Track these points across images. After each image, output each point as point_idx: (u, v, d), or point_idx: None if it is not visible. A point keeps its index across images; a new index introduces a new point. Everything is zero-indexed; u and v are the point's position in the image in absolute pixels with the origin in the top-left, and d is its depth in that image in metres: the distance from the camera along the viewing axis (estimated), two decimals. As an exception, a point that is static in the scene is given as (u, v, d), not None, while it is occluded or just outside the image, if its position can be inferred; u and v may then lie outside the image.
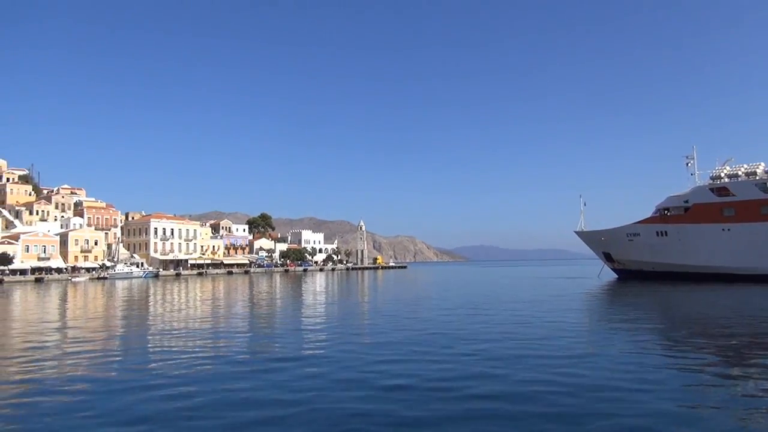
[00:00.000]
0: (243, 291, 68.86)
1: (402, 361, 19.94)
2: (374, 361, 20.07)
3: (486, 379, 16.55)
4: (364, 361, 19.99)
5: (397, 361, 19.94)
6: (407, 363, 19.52)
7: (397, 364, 19.38)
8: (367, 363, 19.66)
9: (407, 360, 20.10)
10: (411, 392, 15.22)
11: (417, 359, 20.20)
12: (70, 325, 34.65)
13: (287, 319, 36.20)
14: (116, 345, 25.75)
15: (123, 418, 13.17)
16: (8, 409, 14.13)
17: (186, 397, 15.08)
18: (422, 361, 19.88)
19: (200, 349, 23.45)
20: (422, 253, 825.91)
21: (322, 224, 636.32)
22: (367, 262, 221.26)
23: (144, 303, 52.14)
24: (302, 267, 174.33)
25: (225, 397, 15.10)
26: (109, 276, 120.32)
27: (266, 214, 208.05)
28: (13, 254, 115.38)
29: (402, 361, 19.94)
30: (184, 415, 13.38)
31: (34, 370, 19.28)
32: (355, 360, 20.28)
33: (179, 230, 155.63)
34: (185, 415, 13.38)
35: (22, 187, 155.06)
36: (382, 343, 24.32)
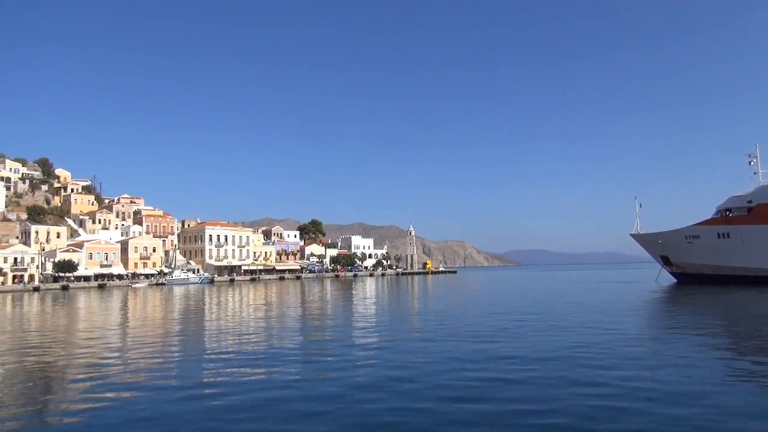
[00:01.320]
0: (295, 296, 69.83)
1: (468, 371, 19.78)
2: (444, 370, 19.97)
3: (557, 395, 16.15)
4: (427, 371, 19.92)
5: (460, 370, 19.79)
6: (475, 372, 19.35)
7: (460, 372, 19.24)
8: (432, 373, 19.59)
9: (474, 369, 19.93)
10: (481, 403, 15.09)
11: (482, 368, 20.01)
12: (133, 328, 35.96)
13: (339, 325, 36.43)
14: (177, 348, 26.53)
15: (175, 417, 13.58)
16: (73, 406, 14.78)
17: (237, 401, 15.40)
18: (489, 369, 19.68)
19: (254, 353, 23.88)
20: (472, 258, 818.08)
21: (371, 229, 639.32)
22: (416, 267, 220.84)
23: (201, 308, 53.54)
24: (352, 272, 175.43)
25: (274, 399, 15.37)
26: (166, 282, 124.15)
27: (317, 220, 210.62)
28: (78, 261, 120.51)
29: (468, 371, 19.78)
30: (233, 418, 13.67)
31: (99, 371, 20.07)
32: (417, 371, 20.22)
33: (233, 237, 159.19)
34: (234, 418, 13.67)
35: (86, 197, 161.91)
36: (445, 351, 24.17)
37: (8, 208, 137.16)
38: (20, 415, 14.45)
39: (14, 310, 56.96)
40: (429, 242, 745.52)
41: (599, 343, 23.74)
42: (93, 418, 13.95)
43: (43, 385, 18.32)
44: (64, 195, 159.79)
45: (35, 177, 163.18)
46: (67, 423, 13.64)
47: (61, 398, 16.41)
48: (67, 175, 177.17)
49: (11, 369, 21.48)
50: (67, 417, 14.19)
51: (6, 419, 14.06)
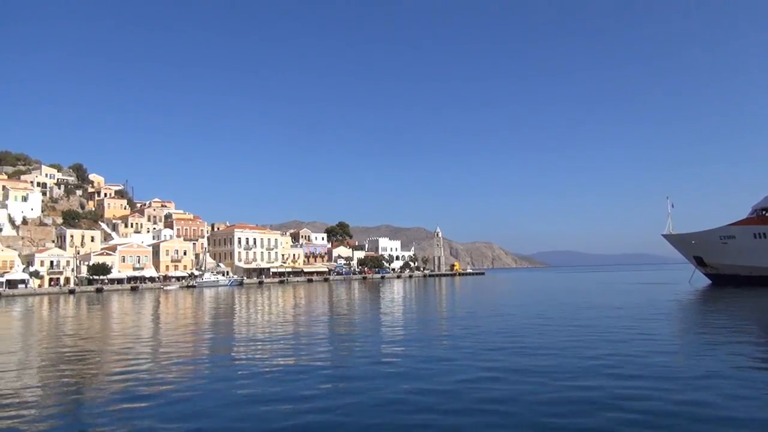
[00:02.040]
0: (323, 298, 70.25)
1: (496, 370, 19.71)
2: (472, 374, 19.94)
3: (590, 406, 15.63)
4: (453, 373, 19.90)
5: (488, 369, 19.72)
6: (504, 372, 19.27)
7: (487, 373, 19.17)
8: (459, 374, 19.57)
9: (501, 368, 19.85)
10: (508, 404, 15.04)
11: (511, 368, 19.91)
12: (167, 330, 36.63)
13: (367, 326, 36.53)
14: (208, 348, 26.96)
15: (204, 414, 13.84)
16: (107, 403, 15.17)
17: (266, 400, 15.61)
18: (517, 370, 19.58)
19: (283, 354, 24.14)
20: (500, 259, 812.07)
21: (398, 231, 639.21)
22: (444, 268, 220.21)
23: (232, 309, 54.24)
24: (380, 274, 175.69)
25: (297, 398, 15.55)
26: (197, 284, 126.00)
27: (344, 223, 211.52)
28: (112, 264, 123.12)
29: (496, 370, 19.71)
30: (260, 416, 13.86)
31: (134, 371, 20.51)
32: (444, 374, 20.21)
33: (261, 240, 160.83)
34: (261, 415, 13.86)
35: (118, 201, 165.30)
36: (477, 353, 24.12)
37: (44, 212, 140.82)
38: (59, 414, 14.88)
39: (51, 312, 58.47)
40: (456, 244, 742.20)
41: (631, 354, 23.01)
42: (129, 416, 14.30)
43: (80, 385, 18.80)
44: (98, 199, 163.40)
45: (70, 182, 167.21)
46: (103, 421, 14.00)
47: (97, 398, 16.81)
48: (100, 180, 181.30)
49: (50, 369, 22.09)
50: (102, 416, 14.56)
51: (45, 418, 14.50)
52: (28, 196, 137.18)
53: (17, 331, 39.43)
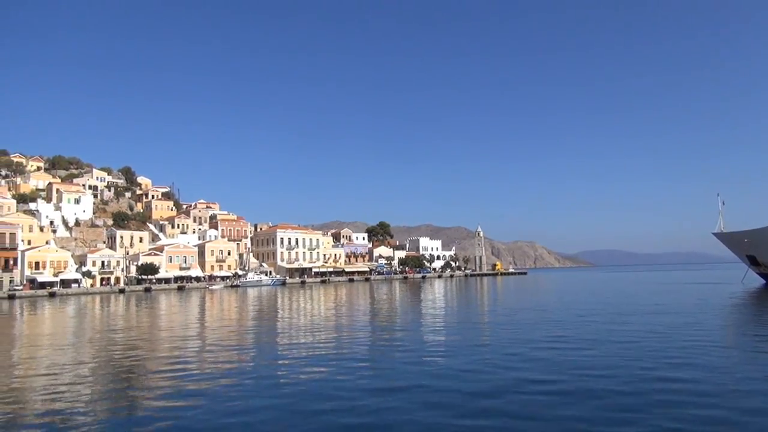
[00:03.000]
0: (365, 298, 70.63)
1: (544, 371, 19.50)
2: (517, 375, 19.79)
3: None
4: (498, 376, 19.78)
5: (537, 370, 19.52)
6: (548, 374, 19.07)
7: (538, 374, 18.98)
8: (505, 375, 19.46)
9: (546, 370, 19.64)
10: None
11: (558, 372, 19.68)
12: (214, 327, 37.53)
13: (410, 327, 36.57)
14: (253, 345, 27.50)
15: (254, 410, 14.14)
16: (156, 397, 15.66)
17: (309, 397, 15.85)
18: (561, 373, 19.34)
19: (325, 352, 24.41)
20: (543, 259, 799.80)
21: (439, 231, 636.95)
22: (485, 268, 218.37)
23: (275, 309, 55.12)
24: (421, 274, 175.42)
25: (342, 395, 15.72)
26: (241, 284, 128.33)
27: (384, 223, 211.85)
28: (159, 264, 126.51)
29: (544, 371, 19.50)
30: (305, 412, 14.07)
31: (183, 366, 21.11)
32: (491, 376, 20.10)
33: (303, 240, 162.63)
34: (306, 412, 14.07)
35: (165, 203, 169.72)
36: (524, 353, 23.92)
37: (96, 214, 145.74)
38: (113, 408, 15.44)
39: (102, 311, 60.51)
40: (498, 243, 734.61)
41: (686, 360, 22.42)
42: (177, 409, 14.74)
43: (132, 379, 19.46)
44: (146, 201, 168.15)
45: (119, 185, 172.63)
46: (154, 414, 14.46)
47: (148, 392, 17.37)
48: (148, 182, 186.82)
49: (104, 365, 22.91)
50: (152, 410, 15.04)
51: (100, 410, 15.07)
52: (80, 199, 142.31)
53: (72, 328, 40.97)
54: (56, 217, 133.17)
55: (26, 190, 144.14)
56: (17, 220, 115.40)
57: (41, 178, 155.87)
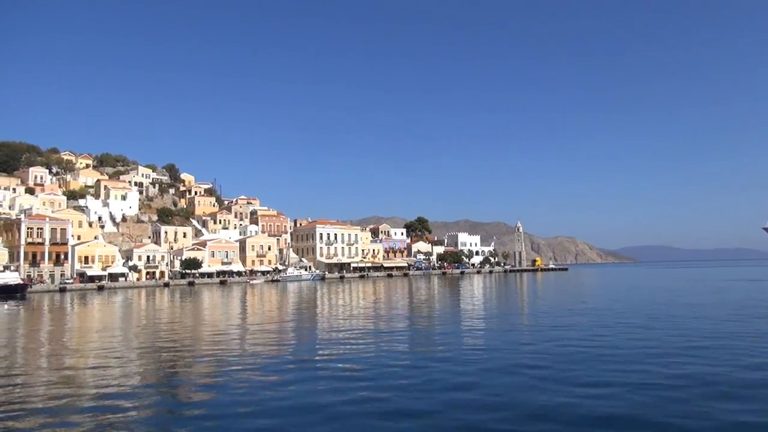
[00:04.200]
0: (403, 293, 70.75)
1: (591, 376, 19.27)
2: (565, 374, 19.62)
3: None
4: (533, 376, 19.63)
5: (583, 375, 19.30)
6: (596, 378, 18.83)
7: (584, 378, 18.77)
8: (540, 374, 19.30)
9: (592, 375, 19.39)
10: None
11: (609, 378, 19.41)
12: (256, 320, 38.26)
13: (449, 323, 36.50)
14: (293, 338, 27.96)
15: (293, 404, 14.40)
16: (203, 392, 16.09)
17: (346, 391, 16.02)
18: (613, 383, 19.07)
19: (364, 347, 24.62)
20: (584, 254, 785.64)
21: (477, 226, 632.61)
22: (525, 264, 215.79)
23: (315, 303, 55.77)
24: (459, 269, 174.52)
25: (378, 390, 15.85)
26: (281, 279, 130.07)
27: (423, 218, 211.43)
28: (202, 259, 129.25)
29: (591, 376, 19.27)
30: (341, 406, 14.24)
31: (228, 358, 21.62)
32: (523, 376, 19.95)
33: (342, 235, 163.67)
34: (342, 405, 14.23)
35: (207, 199, 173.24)
36: (567, 353, 23.67)
37: (141, 210, 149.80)
38: (159, 399, 15.94)
39: (148, 304, 62.25)
40: (538, 238, 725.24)
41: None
42: (221, 398, 15.14)
43: (177, 369, 20.03)
44: (189, 197, 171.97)
45: (164, 181, 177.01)
46: (198, 402, 14.88)
47: (193, 382, 17.87)
48: (191, 178, 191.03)
49: (151, 356, 23.64)
50: (197, 400, 15.47)
51: (147, 396, 15.59)
52: (126, 195, 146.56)
53: (120, 320, 42.33)
54: (104, 212, 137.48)
55: (76, 187, 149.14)
56: (68, 215, 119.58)
57: (90, 175, 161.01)
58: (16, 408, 14.86)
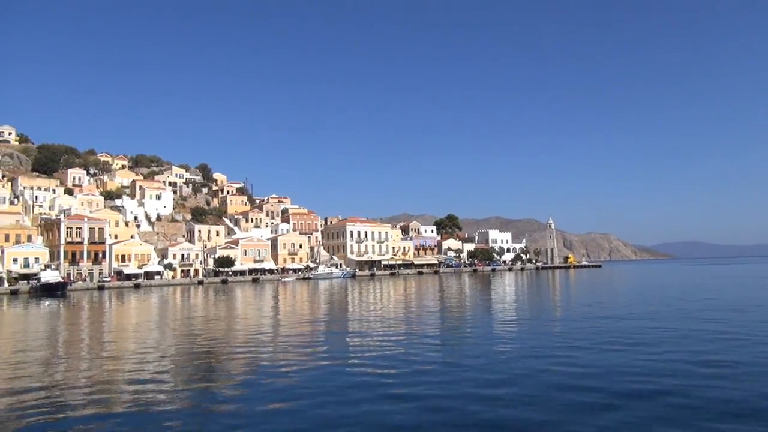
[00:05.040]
0: (434, 290, 70.65)
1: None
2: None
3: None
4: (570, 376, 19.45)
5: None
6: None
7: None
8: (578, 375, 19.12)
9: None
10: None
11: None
12: (289, 317, 38.71)
13: (480, 321, 36.34)
14: (324, 334, 28.22)
15: (326, 397, 14.56)
16: (236, 388, 16.39)
17: (377, 387, 16.12)
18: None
19: (395, 345, 24.70)
20: (618, 251, 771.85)
21: (508, 223, 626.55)
22: (557, 261, 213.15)
23: (346, 301, 56.11)
24: (490, 267, 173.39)
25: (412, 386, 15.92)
26: (312, 276, 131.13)
27: (453, 215, 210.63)
28: (235, 257, 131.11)
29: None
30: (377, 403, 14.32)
31: (258, 353, 21.97)
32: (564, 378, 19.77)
33: (372, 233, 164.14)
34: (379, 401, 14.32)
35: (239, 198, 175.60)
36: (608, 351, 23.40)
37: (175, 209, 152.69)
38: (194, 394, 16.29)
39: (183, 301, 63.46)
40: (570, 235, 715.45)
41: None
42: (253, 391, 15.41)
43: (213, 364, 20.43)
44: (221, 197, 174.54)
45: (197, 181, 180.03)
46: (231, 394, 15.17)
47: (227, 376, 18.22)
48: (223, 178, 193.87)
49: (187, 352, 24.13)
50: (230, 392, 15.76)
51: (182, 393, 15.95)
52: (161, 195, 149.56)
53: (157, 317, 43.27)
54: (139, 212, 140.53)
55: (112, 188, 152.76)
56: (105, 215, 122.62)
57: (125, 175, 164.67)
58: (59, 399, 15.38)
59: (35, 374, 19.54)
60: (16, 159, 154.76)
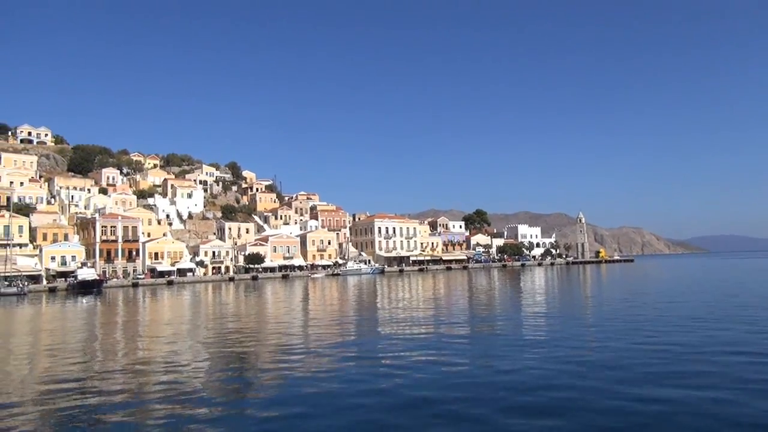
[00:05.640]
0: (463, 286, 70.39)
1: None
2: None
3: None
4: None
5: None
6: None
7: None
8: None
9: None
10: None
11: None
12: (319, 313, 39.04)
13: (511, 317, 36.13)
14: (354, 329, 28.39)
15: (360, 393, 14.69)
16: (267, 379, 16.62)
17: (407, 386, 16.17)
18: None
19: (425, 343, 24.73)
20: (651, 245, 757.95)
21: (538, 218, 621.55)
22: (588, 255, 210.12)
23: (375, 296, 56.30)
24: (520, 262, 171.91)
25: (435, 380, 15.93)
26: (341, 272, 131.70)
27: (481, 210, 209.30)
28: (264, 254, 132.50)
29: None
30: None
31: (289, 348, 22.23)
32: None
33: (400, 228, 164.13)
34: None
35: (268, 195, 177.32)
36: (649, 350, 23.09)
37: (206, 207, 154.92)
38: (228, 388, 16.58)
39: (215, 298, 64.44)
40: (601, 229, 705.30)
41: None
42: (287, 385, 15.61)
43: (246, 359, 20.74)
44: (251, 194, 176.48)
45: (227, 179, 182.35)
46: (264, 392, 15.41)
47: (260, 371, 18.47)
48: (252, 176, 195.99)
49: (219, 347, 24.55)
50: (263, 386, 16.00)
51: (215, 389, 16.24)
52: (192, 193, 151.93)
53: (191, 313, 44.05)
54: (171, 210, 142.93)
55: (145, 186, 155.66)
56: (138, 214, 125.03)
57: (157, 174, 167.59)
58: (95, 391, 15.82)
59: (77, 365, 20.09)
60: (53, 160, 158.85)
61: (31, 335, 32.71)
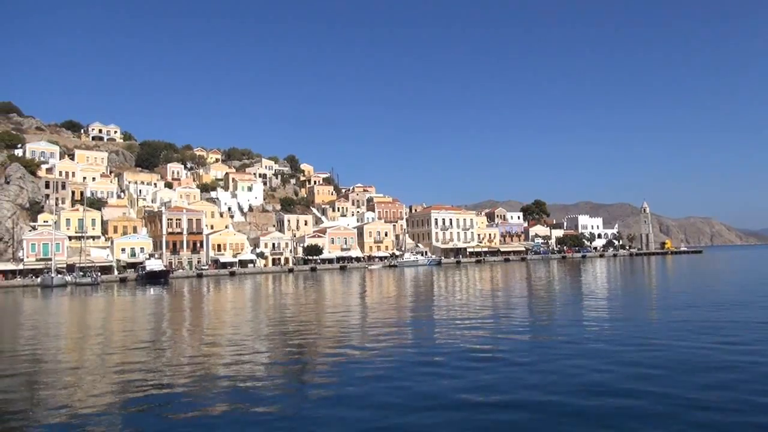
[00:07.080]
0: (522, 278, 69.43)
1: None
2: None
3: None
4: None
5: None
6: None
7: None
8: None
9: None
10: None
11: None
12: (378, 303, 39.42)
13: (572, 312, 35.41)
14: (411, 320, 28.54)
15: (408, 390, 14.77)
16: (324, 373, 16.94)
17: (461, 381, 16.13)
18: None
19: (481, 335, 24.58)
20: (721, 236, 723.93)
21: (599, 208, 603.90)
22: (653, 246, 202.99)
23: (432, 288, 56.32)
24: (580, 253, 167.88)
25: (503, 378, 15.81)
26: (398, 264, 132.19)
27: (540, 201, 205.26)
28: (322, 246, 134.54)
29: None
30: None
31: (346, 339, 22.58)
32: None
33: (457, 220, 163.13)
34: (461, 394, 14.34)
35: (326, 188, 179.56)
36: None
37: (266, 200, 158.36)
38: (288, 377, 17.00)
39: (275, 288, 65.97)
40: (667, 219, 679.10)
41: None
42: (343, 373, 15.89)
43: (305, 349, 21.21)
44: (309, 187, 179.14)
45: (285, 172, 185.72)
46: (322, 380, 15.73)
47: (318, 362, 18.87)
48: (310, 169, 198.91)
49: (281, 336, 25.19)
50: (322, 377, 16.33)
51: (276, 377, 16.69)
52: (252, 186, 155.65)
53: (253, 303, 45.33)
54: (233, 203, 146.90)
55: (207, 180, 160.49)
56: (201, 207, 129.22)
57: (219, 168, 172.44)
58: (165, 376, 16.55)
59: (149, 351, 21.07)
60: (122, 156, 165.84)
61: (113, 321, 34.49)
